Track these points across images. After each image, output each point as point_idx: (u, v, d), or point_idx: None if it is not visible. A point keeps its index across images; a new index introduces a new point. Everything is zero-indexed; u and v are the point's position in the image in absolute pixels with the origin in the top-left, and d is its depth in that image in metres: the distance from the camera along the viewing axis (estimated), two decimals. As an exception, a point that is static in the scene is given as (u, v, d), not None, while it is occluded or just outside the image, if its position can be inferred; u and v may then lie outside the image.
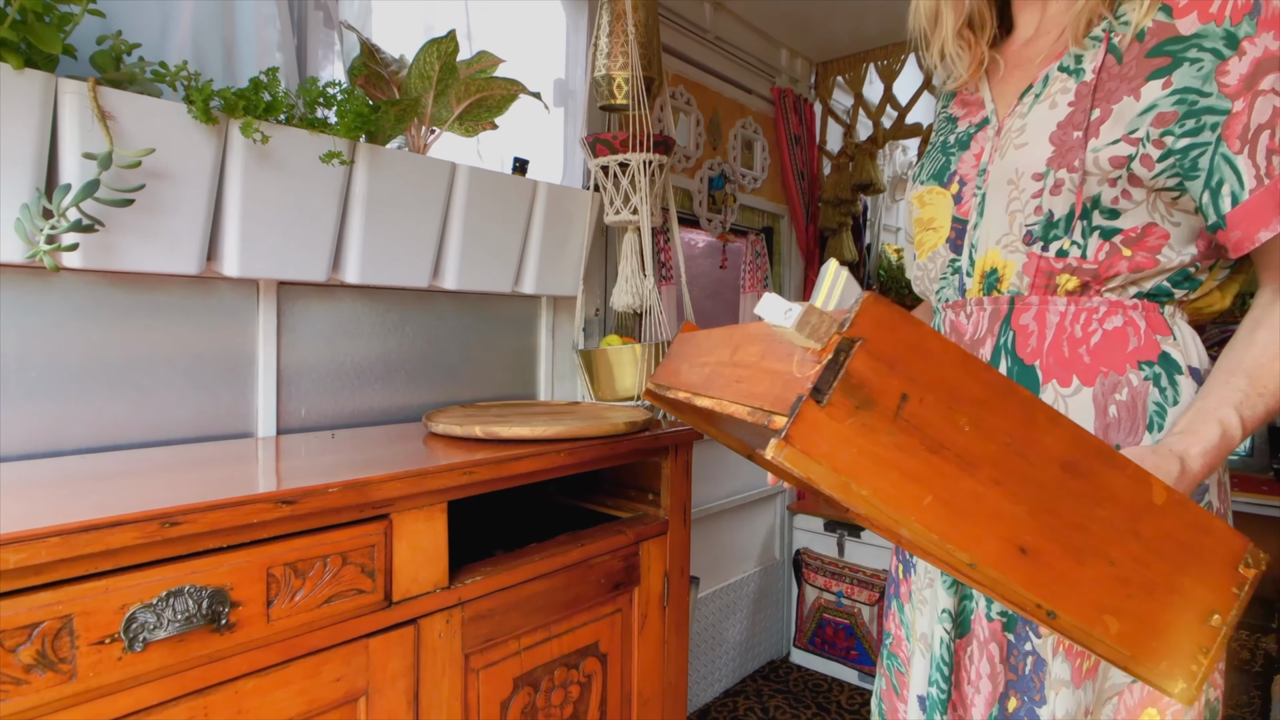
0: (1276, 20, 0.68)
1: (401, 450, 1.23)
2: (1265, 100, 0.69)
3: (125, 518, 0.75)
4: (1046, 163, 0.78)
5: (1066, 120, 0.77)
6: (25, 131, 0.95)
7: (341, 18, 1.44)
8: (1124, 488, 0.50)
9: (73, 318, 1.12)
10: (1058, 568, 0.49)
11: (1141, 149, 0.73)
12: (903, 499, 0.47)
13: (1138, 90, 0.74)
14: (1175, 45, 0.73)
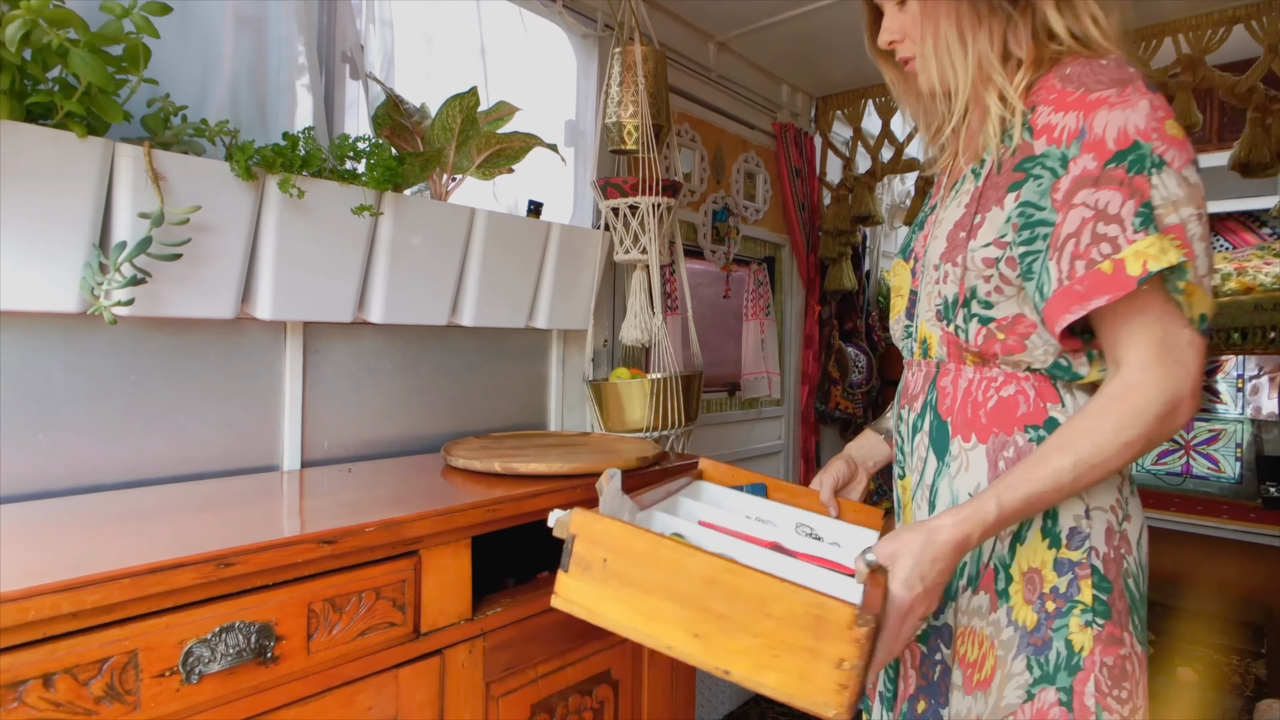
0: (1096, 144, 0.78)
1: (424, 485, 1.29)
2: (1076, 212, 0.78)
3: (186, 559, 0.82)
4: (941, 256, 0.92)
5: (960, 221, 0.91)
6: (84, 192, 1.02)
7: (367, 69, 1.51)
8: (749, 587, 0.75)
9: (116, 360, 1.19)
10: (720, 643, 0.75)
11: (1008, 252, 0.85)
12: (620, 617, 0.79)
13: (1002, 201, 0.85)
14: (1029, 163, 0.83)
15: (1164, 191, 0.76)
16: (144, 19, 1.01)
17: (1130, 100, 0.77)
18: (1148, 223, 0.75)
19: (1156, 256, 0.74)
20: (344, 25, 1.49)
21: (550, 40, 1.96)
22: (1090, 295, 0.76)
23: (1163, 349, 0.77)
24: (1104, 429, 0.78)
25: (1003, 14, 0.86)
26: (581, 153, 2.00)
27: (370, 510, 1.07)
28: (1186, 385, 0.77)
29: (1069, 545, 0.85)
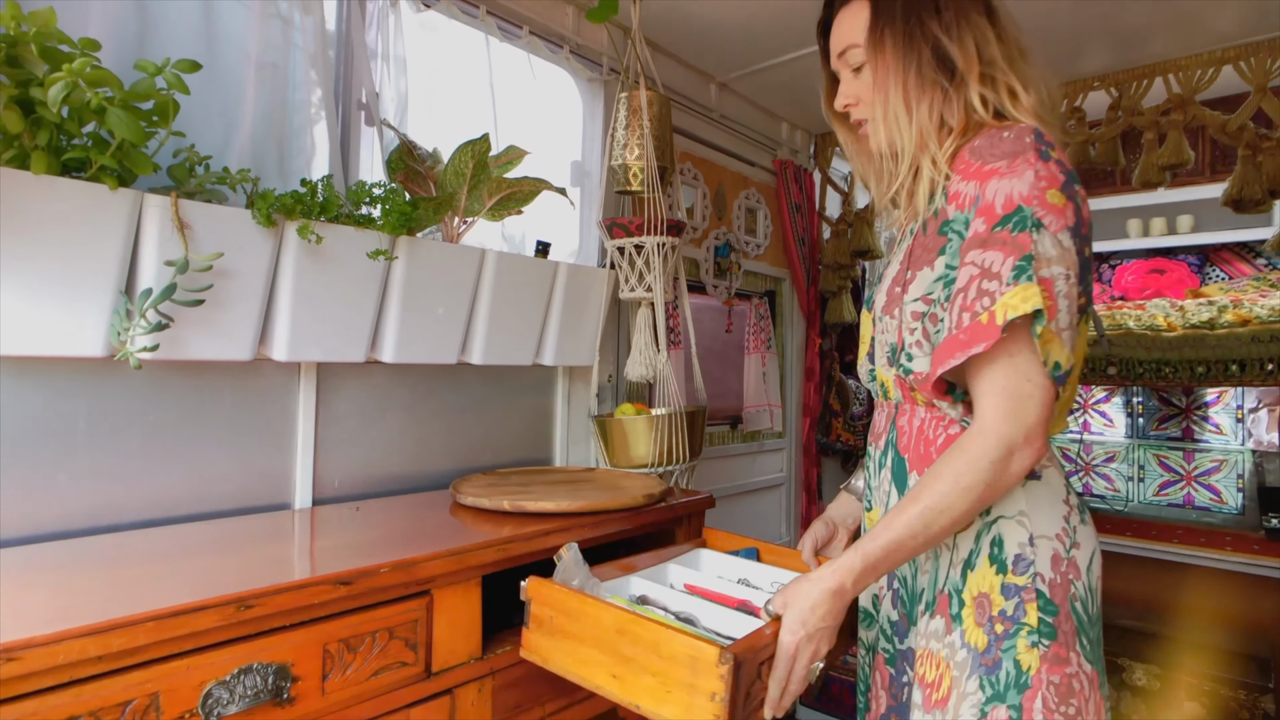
0: (986, 209, 0.88)
1: (434, 523, 1.31)
2: (966, 270, 0.88)
3: (208, 602, 0.84)
4: (883, 309, 1.01)
5: (896, 276, 1.00)
6: (113, 241, 1.06)
7: (382, 115, 1.56)
8: (645, 634, 0.91)
9: (135, 401, 1.21)
10: (631, 682, 0.92)
11: (932, 309, 0.94)
12: (564, 664, 1.01)
13: (933, 262, 0.94)
14: (946, 227, 0.94)
15: (1041, 248, 0.85)
16: (175, 76, 1.06)
17: (1018, 170, 0.87)
18: (1021, 274, 0.83)
19: (1017, 305, 0.82)
20: (360, 73, 1.54)
21: (557, 84, 2.02)
22: (971, 344, 0.84)
23: (1003, 398, 0.85)
24: (946, 477, 0.86)
25: (940, 88, 0.96)
26: (587, 192, 2.05)
27: (383, 550, 1.09)
28: (1021, 434, 0.84)
29: (1015, 571, 0.91)
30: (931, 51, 0.96)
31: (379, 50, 1.57)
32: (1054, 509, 0.93)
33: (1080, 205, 0.89)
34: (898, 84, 0.97)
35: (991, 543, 0.92)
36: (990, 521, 0.93)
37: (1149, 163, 2.34)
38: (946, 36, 0.96)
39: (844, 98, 1.06)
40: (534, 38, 1.85)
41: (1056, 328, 0.85)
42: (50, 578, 0.93)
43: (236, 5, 1.39)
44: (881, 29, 0.98)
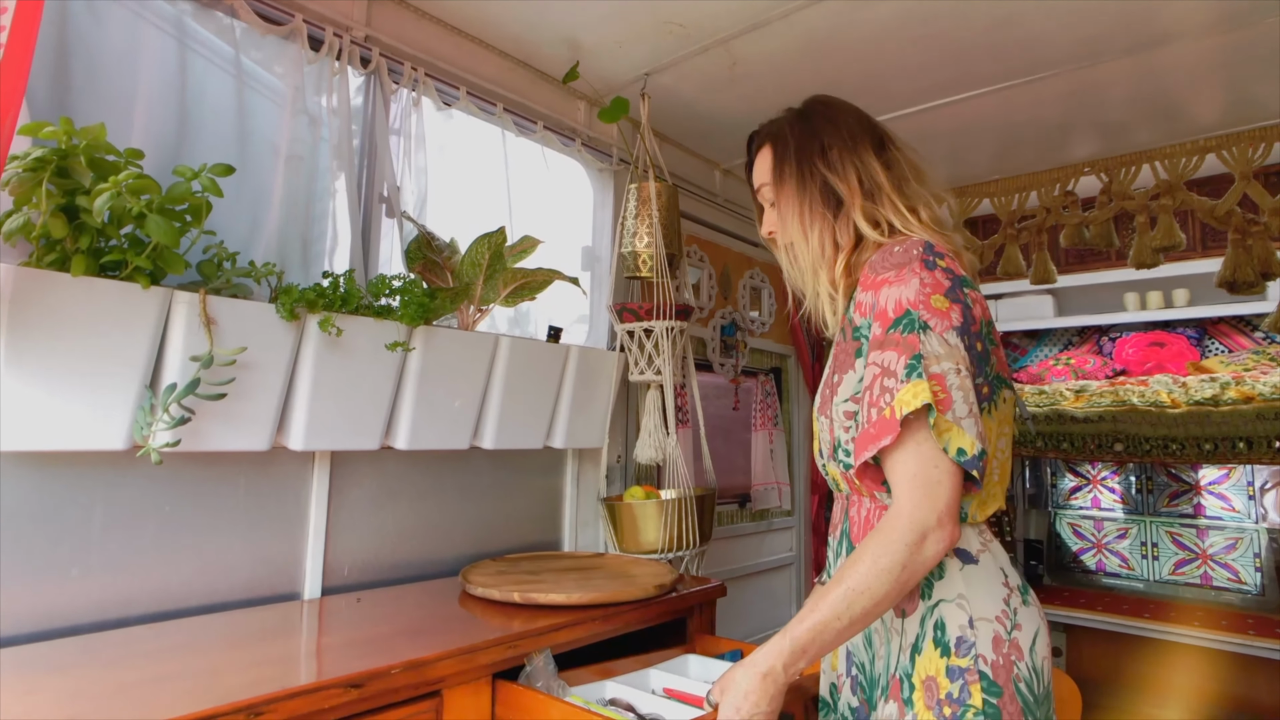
0: (881, 315, 0.98)
1: (443, 615, 1.29)
2: (870, 370, 0.97)
3: (219, 710, 0.82)
4: (818, 410, 1.10)
5: (827, 379, 1.09)
6: (141, 337, 1.09)
7: (401, 208, 1.62)
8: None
9: (151, 493, 1.22)
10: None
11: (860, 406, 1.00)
12: None
13: (854, 364, 1.03)
14: (857, 334, 1.03)
15: (929, 347, 0.93)
16: (211, 180, 1.11)
17: (905, 279, 0.97)
18: (912, 372, 0.92)
19: (909, 401, 0.90)
20: (382, 167, 1.61)
21: (569, 174, 2.09)
22: (879, 437, 0.92)
23: (913, 484, 0.91)
24: (865, 560, 0.91)
25: (828, 217, 1.10)
26: (597, 276, 2.10)
27: (393, 646, 1.07)
28: (933, 518, 0.90)
29: (957, 653, 0.94)
30: (820, 188, 1.10)
31: (400, 146, 1.64)
32: (992, 592, 0.97)
33: (969, 305, 0.98)
34: (794, 216, 1.11)
35: (935, 626, 0.96)
36: (932, 605, 0.97)
37: (1142, 245, 2.40)
38: (831, 174, 1.10)
39: (766, 227, 1.21)
40: (548, 132, 1.93)
41: (954, 417, 0.92)
42: (57, 680, 0.92)
43: (268, 104, 1.47)
44: (779, 171, 1.14)
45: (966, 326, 0.96)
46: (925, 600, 0.98)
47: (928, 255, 0.99)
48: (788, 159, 1.14)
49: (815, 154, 1.12)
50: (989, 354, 1.00)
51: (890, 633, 1.01)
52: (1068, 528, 3.48)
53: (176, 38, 1.35)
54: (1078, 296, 3.87)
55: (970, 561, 0.98)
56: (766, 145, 1.18)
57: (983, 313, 1.01)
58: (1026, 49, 1.81)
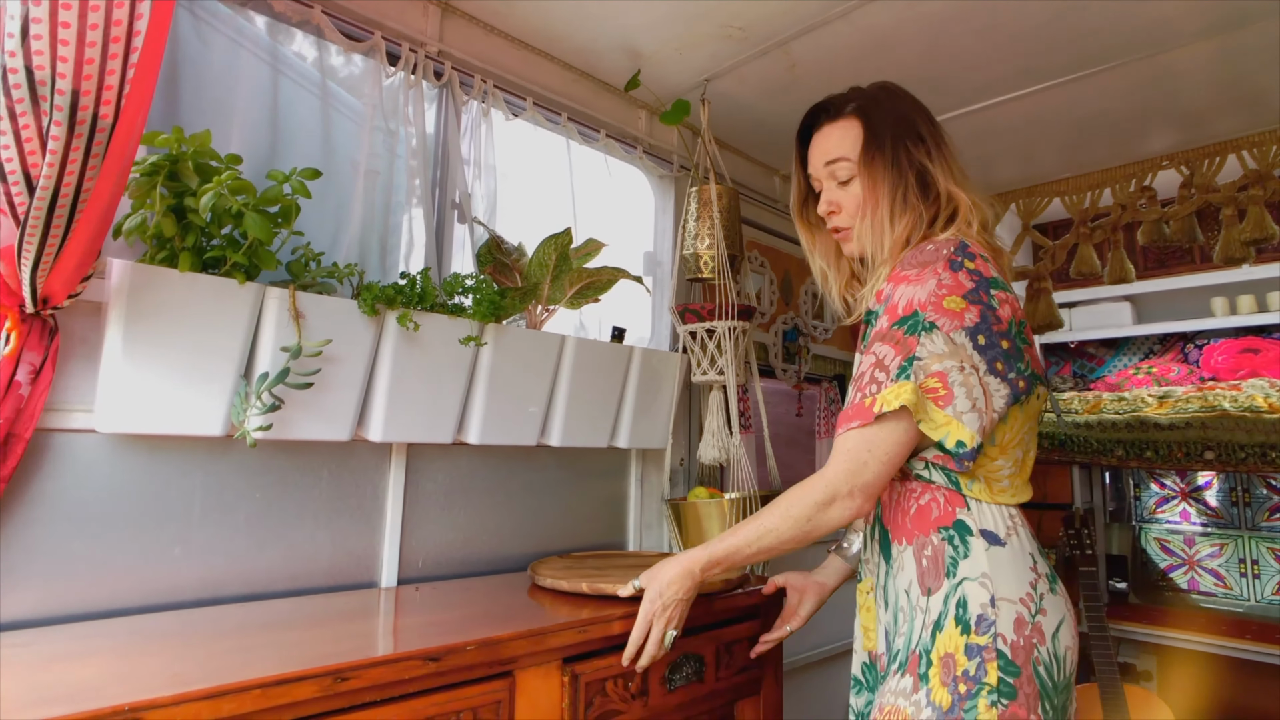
0: (891, 310, 1.02)
1: (513, 604, 1.32)
2: (868, 357, 1.03)
3: (308, 672, 0.86)
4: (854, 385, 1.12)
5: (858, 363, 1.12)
6: (237, 330, 1.17)
7: (473, 214, 1.69)
8: None
9: (244, 479, 1.29)
10: None
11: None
12: None
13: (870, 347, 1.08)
14: (869, 317, 1.09)
15: (930, 347, 0.97)
16: (300, 183, 1.19)
17: (924, 279, 1.01)
18: (903, 373, 0.97)
19: (889, 400, 0.96)
20: (454, 176, 1.68)
21: (631, 181, 2.14)
22: (852, 419, 1.00)
23: (845, 456, 1.00)
24: (781, 505, 1.04)
25: (918, 210, 1.09)
26: (659, 280, 2.13)
27: (467, 629, 1.10)
28: (846, 487, 1.00)
29: (977, 631, 0.95)
30: (915, 175, 1.09)
31: (471, 155, 1.71)
32: (1019, 574, 0.99)
33: (995, 306, 1.00)
34: (885, 202, 1.09)
35: (957, 604, 0.98)
36: (957, 583, 0.99)
37: (1230, 239, 2.28)
38: (929, 161, 1.09)
39: (827, 204, 1.17)
40: (610, 140, 1.98)
41: (955, 411, 0.96)
42: (165, 645, 0.98)
43: (349, 123, 1.56)
44: (874, 150, 1.10)
45: (986, 326, 0.99)
46: (950, 579, 0.99)
47: (956, 255, 1.02)
48: (883, 137, 1.10)
49: (913, 138, 1.10)
50: (1021, 351, 1.02)
51: (915, 610, 1.02)
52: (1154, 543, 3.29)
53: (270, 63, 1.45)
54: (1158, 302, 3.69)
55: (997, 543, 1.00)
56: (853, 118, 1.13)
57: (1012, 312, 1.03)
58: (1094, 37, 1.76)
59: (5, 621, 1.04)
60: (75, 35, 0.71)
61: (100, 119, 0.75)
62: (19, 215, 0.79)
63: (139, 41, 0.75)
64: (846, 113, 1.15)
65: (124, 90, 0.75)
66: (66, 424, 1.11)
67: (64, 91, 0.72)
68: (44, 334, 0.99)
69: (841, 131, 1.14)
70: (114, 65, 0.74)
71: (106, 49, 0.73)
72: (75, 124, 0.74)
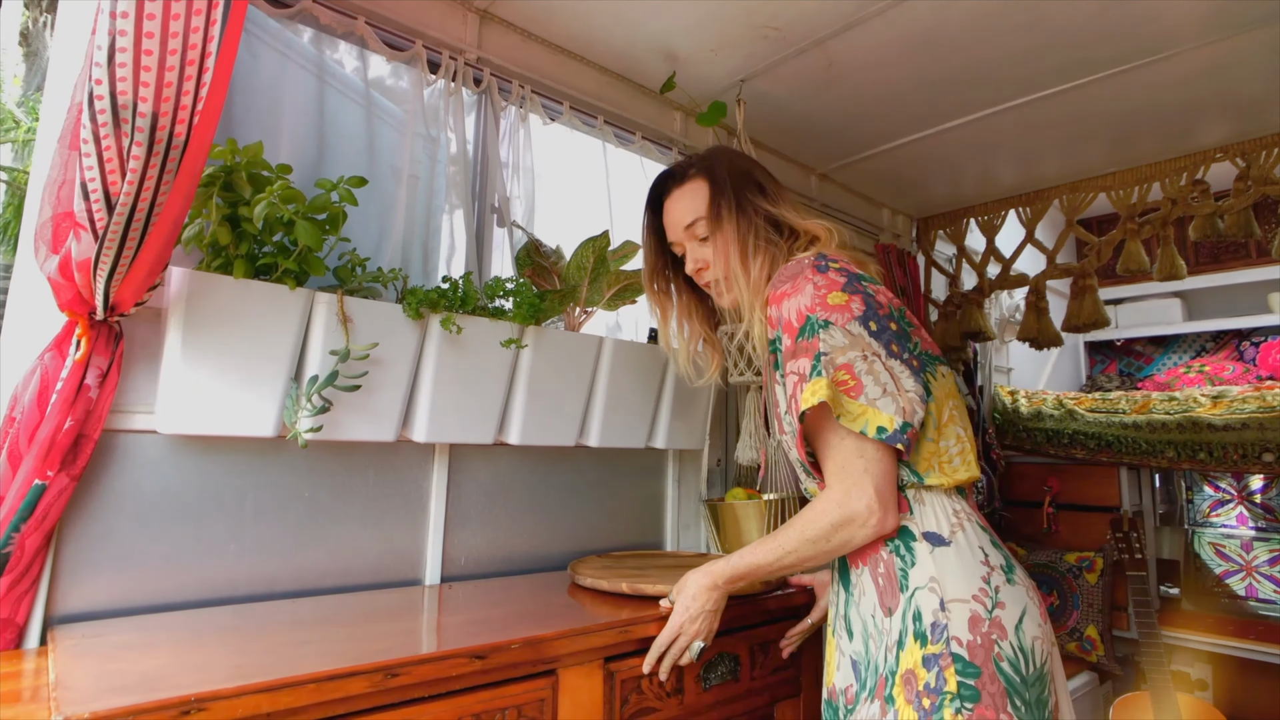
0: (787, 327, 1.05)
1: (554, 603, 1.34)
2: (790, 379, 1.04)
3: (360, 668, 0.89)
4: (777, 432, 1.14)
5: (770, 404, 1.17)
6: (287, 334, 1.20)
7: (511, 218, 1.71)
8: None
9: (294, 479, 1.33)
10: None
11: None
12: None
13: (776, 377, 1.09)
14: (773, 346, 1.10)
15: (831, 342, 1.00)
16: (347, 191, 1.22)
17: (800, 288, 1.05)
18: (814, 370, 0.99)
19: (807, 398, 0.98)
20: (493, 181, 1.71)
21: (666, 183, 2.14)
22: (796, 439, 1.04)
23: (841, 476, 1.00)
24: (796, 528, 1.03)
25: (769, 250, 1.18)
26: (695, 281, 2.13)
27: (510, 627, 1.12)
28: (861, 506, 0.98)
29: (932, 640, 0.95)
30: (764, 220, 1.18)
31: (509, 160, 1.74)
32: (968, 571, 0.98)
33: (871, 295, 1.05)
34: (735, 249, 1.16)
35: (913, 617, 0.98)
36: (910, 595, 0.99)
37: (1290, 234, 2.20)
38: (772, 206, 1.18)
39: (694, 263, 1.25)
40: (646, 142, 1.99)
41: (867, 399, 0.98)
42: (223, 638, 1.02)
43: (392, 131, 1.60)
44: (719, 201, 1.19)
45: (873, 312, 1.03)
46: (904, 592, 1.00)
47: (819, 261, 1.08)
48: (725, 188, 1.19)
49: (752, 188, 1.19)
50: (908, 333, 1.07)
51: (881, 633, 1.01)
52: (1208, 548, 3.18)
53: (316, 74, 1.50)
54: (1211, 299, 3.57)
55: (941, 544, 1.00)
56: (699, 179, 1.23)
57: (889, 300, 1.08)
58: (1142, 28, 1.72)
59: (77, 612, 1.09)
60: (157, 61, 0.74)
61: (175, 138, 0.79)
62: (98, 231, 0.83)
63: (211, 63, 0.78)
64: (691, 175, 1.24)
65: (196, 110, 0.79)
66: (130, 425, 1.15)
67: (145, 114, 0.76)
68: (110, 340, 1.03)
69: (691, 193, 1.23)
70: (189, 87, 0.77)
71: (183, 71, 0.76)
72: (154, 144, 0.77)
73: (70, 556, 1.10)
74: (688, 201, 1.23)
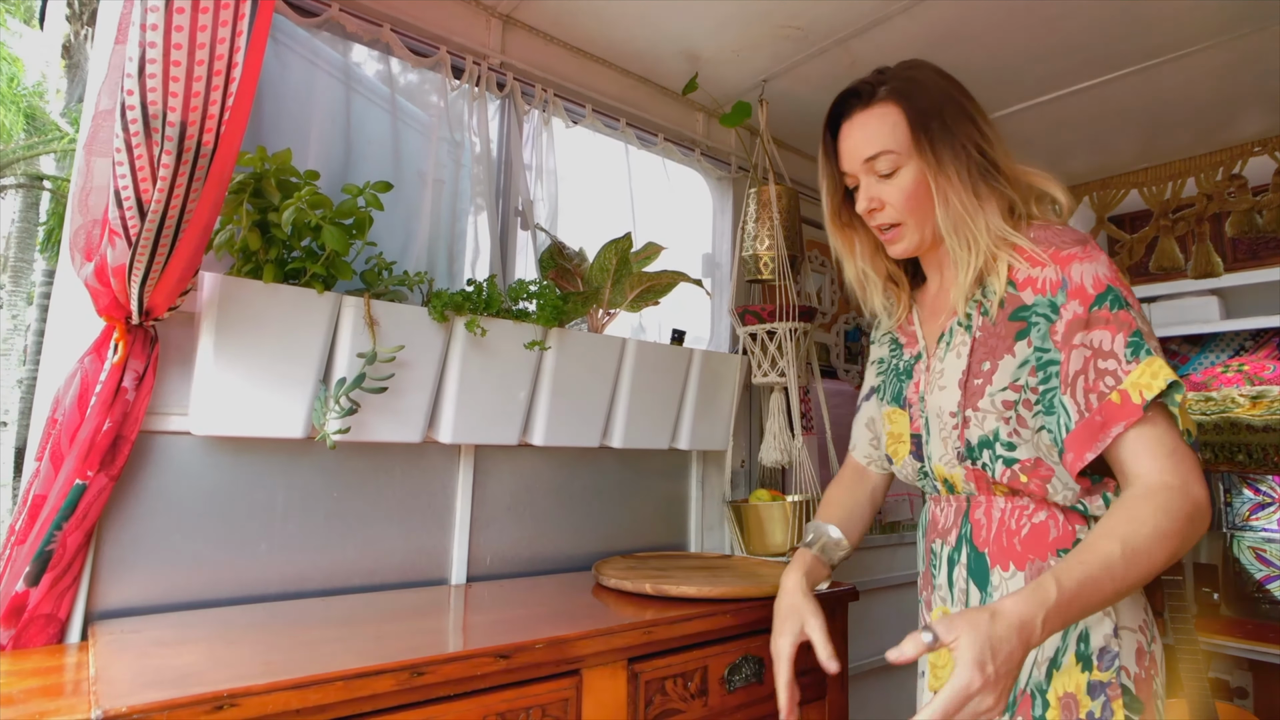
0: (1079, 292, 0.89)
1: (578, 604, 1.34)
2: (1078, 353, 0.88)
3: (386, 666, 0.90)
4: (958, 405, 0.98)
5: (967, 370, 0.98)
6: (316, 337, 1.22)
7: (535, 221, 1.73)
8: None
9: (322, 479, 1.35)
10: None
11: (1023, 394, 0.92)
12: None
13: (1011, 348, 0.93)
14: (1024, 312, 0.93)
15: (1141, 318, 0.87)
16: (373, 196, 1.24)
17: (1094, 255, 0.91)
18: (1137, 351, 0.84)
19: (1149, 383, 0.82)
20: (516, 184, 1.72)
21: (689, 183, 2.14)
22: (1109, 425, 0.84)
23: (1175, 459, 0.83)
24: (1143, 520, 0.79)
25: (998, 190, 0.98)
26: (718, 282, 2.13)
27: (535, 627, 1.13)
28: (1204, 493, 0.82)
29: (1100, 666, 0.87)
30: (979, 156, 0.97)
31: (532, 163, 1.75)
32: (1135, 600, 0.90)
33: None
34: (961, 184, 0.95)
35: (1079, 638, 0.89)
36: None
37: (1333, 229, 2.14)
38: (985, 143, 0.98)
39: (867, 201, 1.02)
40: (668, 144, 2.00)
41: (1183, 395, 0.85)
42: (255, 635, 1.04)
43: (417, 136, 1.62)
44: (926, 135, 0.97)
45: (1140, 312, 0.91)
46: None
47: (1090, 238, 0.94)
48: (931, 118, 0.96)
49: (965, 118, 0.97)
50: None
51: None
52: (1248, 552, 3.10)
53: (342, 80, 1.52)
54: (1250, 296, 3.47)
55: None
56: (891, 104, 0.99)
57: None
58: (1174, 21, 1.68)
59: (115, 608, 1.12)
60: (184, 71, 0.76)
61: (203, 146, 0.81)
62: (131, 237, 0.85)
63: (237, 73, 0.80)
64: (881, 97, 1.00)
65: (224, 118, 0.81)
66: (164, 426, 1.18)
67: (174, 123, 0.78)
68: (146, 344, 1.06)
69: (878, 120, 1.00)
70: (215, 96, 0.79)
71: (210, 81, 0.78)
72: (183, 152, 0.79)
73: (109, 554, 1.13)
74: (874, 129, 0.99)
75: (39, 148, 8.48)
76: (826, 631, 1.05)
